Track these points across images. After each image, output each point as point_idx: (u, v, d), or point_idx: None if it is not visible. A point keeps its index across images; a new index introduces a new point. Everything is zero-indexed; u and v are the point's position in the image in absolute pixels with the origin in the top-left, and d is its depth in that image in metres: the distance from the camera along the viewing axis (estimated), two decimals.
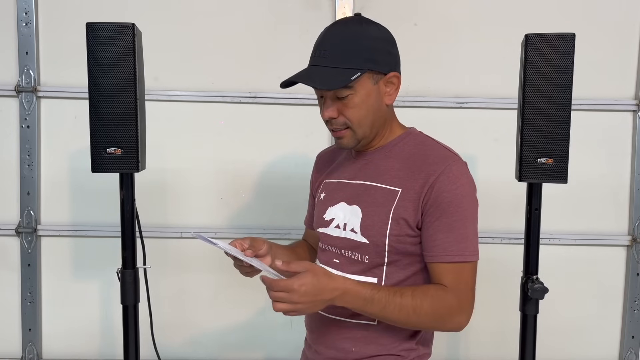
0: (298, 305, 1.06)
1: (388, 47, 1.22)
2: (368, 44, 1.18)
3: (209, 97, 2.07)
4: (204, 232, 2.12)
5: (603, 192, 2.16)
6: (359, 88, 1.18)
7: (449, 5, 2.09)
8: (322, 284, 1.08)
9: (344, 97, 1.18)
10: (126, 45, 1.32)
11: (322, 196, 1.35)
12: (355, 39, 1.18)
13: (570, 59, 1.34)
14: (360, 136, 1.23)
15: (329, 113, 1.20)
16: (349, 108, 1.19)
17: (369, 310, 1.14)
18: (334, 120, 1.21)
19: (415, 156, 1.23)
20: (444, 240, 1.17)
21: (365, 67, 1.17)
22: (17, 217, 2.14)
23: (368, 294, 1.12)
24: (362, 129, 1.22)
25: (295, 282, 1.05)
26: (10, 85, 2.08)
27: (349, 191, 1.28)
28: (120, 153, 1.37)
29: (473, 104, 2.11)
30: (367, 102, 1.19)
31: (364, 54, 1.17)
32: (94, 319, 2.19)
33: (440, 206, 1.16)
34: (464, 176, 1.20)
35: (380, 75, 1.20)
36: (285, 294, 1.05)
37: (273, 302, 1.07)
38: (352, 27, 1.20)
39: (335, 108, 1.20)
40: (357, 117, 1.20)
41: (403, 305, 1.13)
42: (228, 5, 2.08)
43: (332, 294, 1.09)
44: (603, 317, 2.22)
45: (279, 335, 2.21)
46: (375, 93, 1.20)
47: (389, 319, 1.16)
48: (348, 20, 1.24)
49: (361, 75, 1.16)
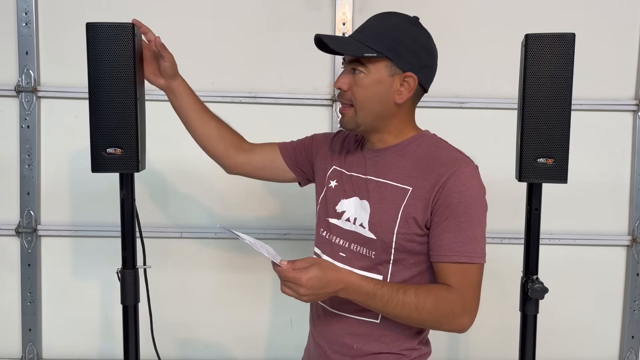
0: (303, 297, 1.10)
1: (420, 50, 1.23)
2: (399, 36, 1.20)
3: (209, 97, 2.05)
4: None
5: (603, 192, 2.16)
6: (373, 71, 1.20)
7: (450, 5, 2.09)
8: (329, 277, 1.10)
9: (357, 74, 1.21)
10: (126, 45, 1.32)
11: (334, 185, 1.35)
12: (391, 28, 1.21)
13: (570, 59, 1.34)
14: (360, 120, 1.24)
15: (340, 83, 1.23)
16: (357, 86, 1.21)
17: (371, 304, 1.14)
18: (343, 92, 1.23)
19: (428, 157, 1.24)
20: (451, 240, 1.17)
21: (384, 53, 1.18)
22: (17, 217, 2.14)
23: (371, 289, 1.12)
24: (363, 112, 1.23)
25: (304, 276, 1.07)
26: (10, 85, 2.08)
27: (360, 186, 1.28)
28: (120, 153, 1.36)
29: (473, 104, 2.11)
30: (375, 87, 1.20)
31: (390, 42, 1.19)
32: (94, 319, 2.19)
33: (449, 206, 1.17)
34: (475, 179, 1.20)
35: (399, 70, 1.21)
36: (293, 285, 1.09)
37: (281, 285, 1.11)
38: (397, 19, 1.24)
39: (347, 81, 1.22)
40: (362, 98, 1.21)
41: (406, 302, 1.14)
42: (228, 5, 2.08)
43: (337, 287, 1.11)
44: (603, 317, 2.22)
45: (279, 335, 2.21)
46: (387, 84, 1.21)
47: (391, 315, 1.17)
48: (399, 14, 1.26)
49: (376, 58, 1.18)
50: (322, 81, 2.11)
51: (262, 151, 1.50)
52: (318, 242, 1.36)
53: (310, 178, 1.49)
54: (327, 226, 1.33)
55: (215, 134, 1.46)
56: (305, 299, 1.10)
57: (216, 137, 1.46)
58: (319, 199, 1.38)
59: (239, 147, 1.49)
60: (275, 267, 1.10)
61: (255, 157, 1.49)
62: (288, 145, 1.50)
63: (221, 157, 1.49)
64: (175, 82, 1.41)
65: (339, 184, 1.34)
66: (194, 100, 1.44)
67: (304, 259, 1.11)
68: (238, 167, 1.50)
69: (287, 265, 1.09)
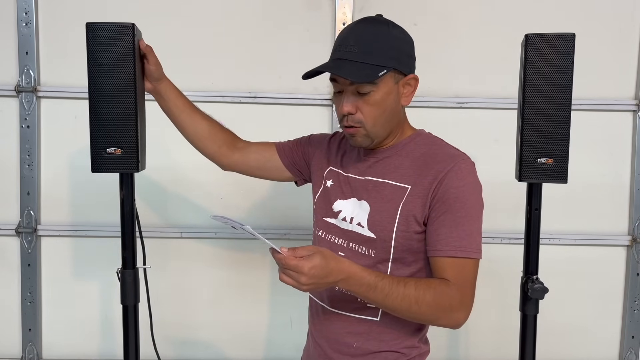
0: (303, 287, 1.07)
1: (409, 49, 1.25)
2: (394, 43, 1.20)
3: (209, 97, 2.07)
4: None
5: (603, 192, 2.16)
6: (382, 85, 1.19)
7: (449, 5, 2.09)
8: (330, 267, 1.08)
9: (365, 94, 1.19)
10: (126, 45, 1.32)
11: (330, 184, 1.35)
12: (383, 37, 1.19)
13: (570, 59, 1.33)
14: (373, 136, 1.24)
15: (348, 108, 1.20)
16: (368, 105, 1.20)
17: (371, 297, 1.13)
18: (351, 116, 1.21)
19: (426, 155, 1.24)
20: (447, 235, 1.17)
21: (390, 65, 1.18)
22: (17, 217, 2.14)
23: (372, 281, 1.12)
24: (375, 129, 1.22)
25: (306, 264, 1.04)
26: (10, 85, 2.08)
27: (358, 187, 1.29)
28: (120, 153, 1.36)
29: (473, 104, 2.11)
30: (386, 100, 1.20)
31: (390, 52, 1.19)
32: (94, 319, 2.19)
33: (446, 202, 1.17)
34: (472, 175, 1.21)
35: (401, 75, 1.22)
36: (294, 273, 1.05)
37: (280, 273, 1.08)
38: (379, 26, 1.21)
39: (354, 104, 1.20)
40: (373, 116, 1.21)
41: (406, 295, 1.13)
42: (228, 5, 2.08)
43: (337, 277, 1.09)
44: (603, 317, 2.22)
45: (279, 335, 2.21)
46: (395, 92, 1.22)
47: (390, 308, 1.16)
48: (373, 19, 1.25)
49: (386, 73, 1.17)
50: (322, 81, 2.10)
51: (257, 150, 1.51)
52: (315, 241, 1.37)
53: (307, 178, 1.49)
54: (324, 225, 1.33)
55: (207, 133, 1.47)
56: (305, 288, 1.07)
57: (207, 137, 1.47)
58: (316, 198, 1.39)
59: (233, 145, 1.50)
60: (274, 254, 1.06)
61: (250, 156, 1.50)
62: (285, 145, 1.50)
63: (214, 155, 1.50)
64: (161, 85, 1.41)
65: (335, 185, 1.34)
66: (182, 102, 1.44)
67: (305, 247, 1.08)
68: (232, 165, 1.51)
69: (288, 252, 1.06)
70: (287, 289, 1.13)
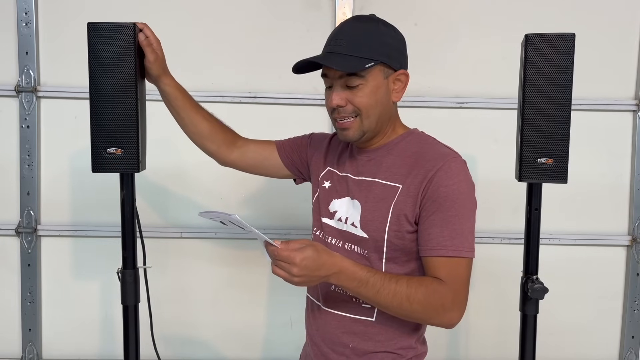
0: (295, 279, 1.08)
1: (400, 46, 1.26)
2: (383, 39, 1.21)
3: (209, 97, 2.06)
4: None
5: (603, 192, 2.16)
6: (370, 79, 1.20)
7: (449, 5, 2.09)
8: (322, 260, 1.08)
9: (354, 87, 1.20)
10: (127, 45, 1.32)
11: (327, 185, 1.36)
12: (372, 33, 1.21)
13: (570, 59, 1.34)
14: (366, 127, 1.24)
15: (337, 100, 1.21)
16: (358, 97, 1.20)
17: (362, 292, 1.13)
18: (342, 108, 1.22)
19: (416, 154, 1.24)
20: (438, 235, 1.17)
21: (379, 59, 1.19)
22: (17, 217, 2.14)
23: (364, 276, 1.12)
24: (369, 120, 1.23)
25: (298, 255, 1.06)
26: (10, 85, 2.08)
27: (352, 186, 1.29)
28: (121, 153, 1.36)
29: (473, 104, 2.11)
30: (376, 93, 1.21)
31: (378, 47, 1.20)
32: (94, 319, 2.19)
33: (436, 200, 1.17)
34: (462, 173, 1.20)
35: (391, 70, 1.22)
36: (286, 264, 1.06)
37: (272, 265, 1.09)
38: (369, 24, 1.23)
39: (344, 96, 1.21)
40: (366, 106, 1.21)
41: (397, 292, 1.13)
42: (228, 5, 2.08)
43: (329, 271, 1.09)
44: (603, 317, 2.22)
45: (278, 335, 2.21)
46: (384, 87, 1.22)
47: (382, 304, 1.16)
48: (364, 17, 1.27)
49: (375, 65, 1.19)
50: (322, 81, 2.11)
51: (255, 149, 1.51)
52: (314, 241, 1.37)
53: (306, 177, 1.50)
54: (321, 226, 1.34)
55: (207, 133, 1.48)
56: (297, 280, 1.08)
57: (207, 137, 1.48)
58: (314, 199, 1.39)
59: (232, 144, 1.51)
60: (268, 246, 1.08)
61: (248, 155, 1.51)
62: (285, 144, 1.51)
63: (212, 154, 1.52)
64: (161, 82, 1.41)
65: (332, 185, 1.35)
66: (183, 101, 1.45)
67: (298, 240, 1.09)
68: (229, 163, 1.53)
69: (282, 245, 1.07)
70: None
